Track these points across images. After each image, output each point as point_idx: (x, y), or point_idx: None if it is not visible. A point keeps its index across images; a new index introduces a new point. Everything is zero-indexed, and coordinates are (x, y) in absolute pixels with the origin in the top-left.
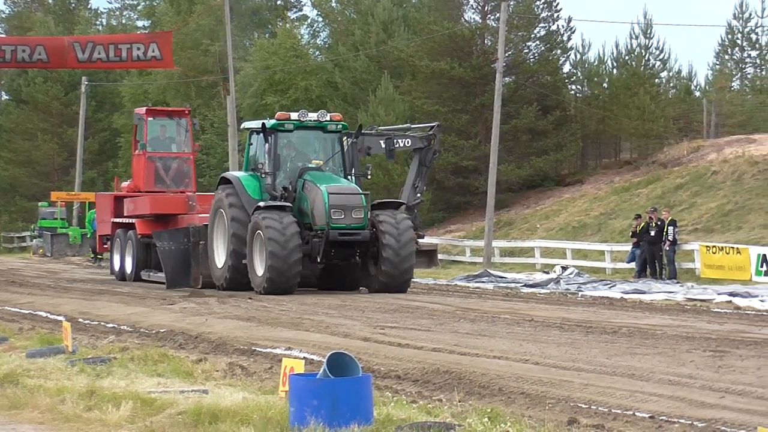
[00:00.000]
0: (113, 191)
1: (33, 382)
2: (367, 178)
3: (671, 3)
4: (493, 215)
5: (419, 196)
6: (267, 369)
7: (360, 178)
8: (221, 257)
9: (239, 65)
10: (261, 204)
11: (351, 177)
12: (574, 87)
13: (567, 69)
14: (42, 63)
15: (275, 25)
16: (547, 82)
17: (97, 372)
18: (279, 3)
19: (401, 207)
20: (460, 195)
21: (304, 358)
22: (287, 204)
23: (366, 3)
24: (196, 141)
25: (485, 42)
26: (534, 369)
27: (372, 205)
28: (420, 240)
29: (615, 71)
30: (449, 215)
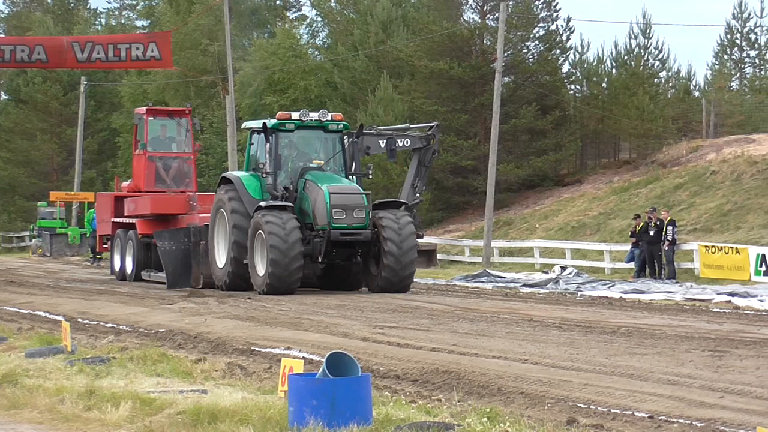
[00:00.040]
0: (112, 191)
1: (32, 381)
2: (368, 177)
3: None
4: (492, 215)
5: (418, 195)
6: (266, 369)
7: (361, 177)
8: (222, 257)
9: (238, 65)
10: (262, 204)
11: (352, 177)
12: (573, 87)
13: (566, 69)
14: (41, 63)
15: (274, 25)
16: (546, 81)
17: (96, 372)
18: (278, 3)
19: (402, 207)
20: (459, 195)
21: (303, 357)
22: (288, 204)
23: (365, 3)
24: (196, 141)
25: (484, 42)
26: (533, 369)
27: (373, 205)
28: (419, 240)
29: (614, 71)
30: (448, 215)
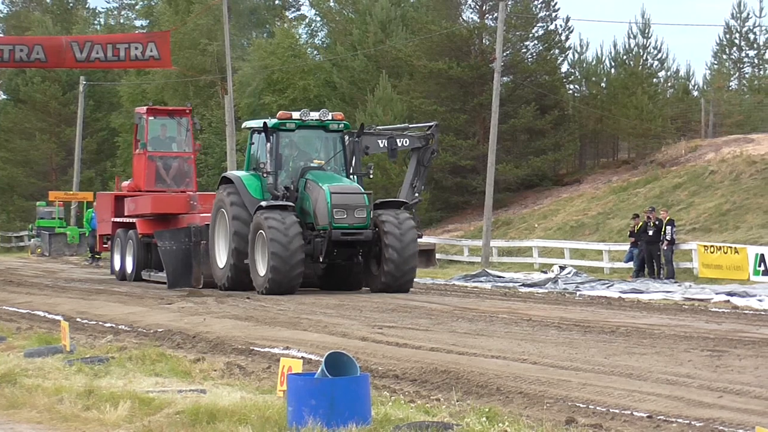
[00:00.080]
0: (111, 190)
1: (31, 381)
2: (369, 177)
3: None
4: (491, 215)
5: (417, 195)
6: (265, 368)
7: (362, 177)
8: (222, 257)
9: (237, 65)
10: (263, 204)
11: (353, 176)
12: (572, 87)
13: (565, 69)
14: (40, 62)
15: (273, 25)
16: (545, 81)
17: (95, 371)
18: (277, 2)
19: (403, 206)
20: (458, 194)
21: (302, 357)
22: (290, 204)
23: (364, 2)
24: (196, 140)
25: (483, 42)
26: (532, 368)
27: (374, 205)
28: (418, 239)
29: (613, 71)
30: (447, 215)
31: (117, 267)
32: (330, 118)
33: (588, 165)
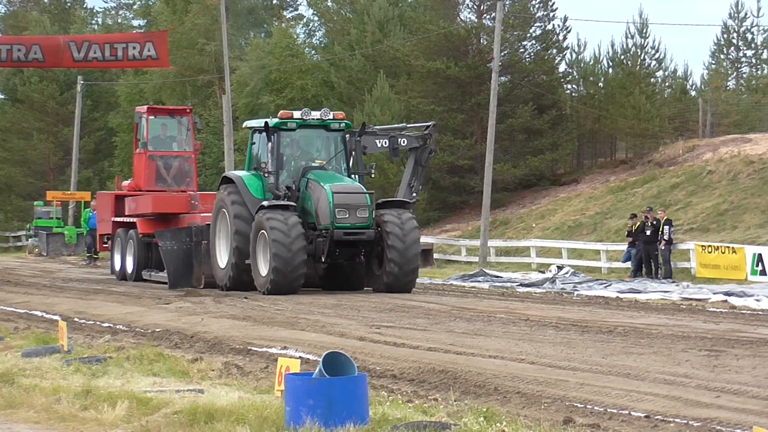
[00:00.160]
0: (109, 190)
1: (28, 381)
2: (371, 176)
3: (667, 2)
4: (489, 214)
5: (415, 195)
6: (263, 368)
7: (363, 177)
8: (223, 257)
9: (235, 64)
10: (265, 203)
11: (354, 176)
12: (569, 86)
13: (563, 68)
14: (38, 62)
15: (271, 25)
16: (543, 81)
17: (93, 371)
18: (275, 2)
19: (410, 206)
20: (455, 194)
21: (299, 357)
22: (291, 203)
23: (362, 2)
24: (195, 140)
25: (481, 41)
26: (530, 368)
27: (376, 204)
28: None
29: (611, 71)
30: (445, 215)
31: (117, 267)
32: (331, 117)
33: (586, 165)
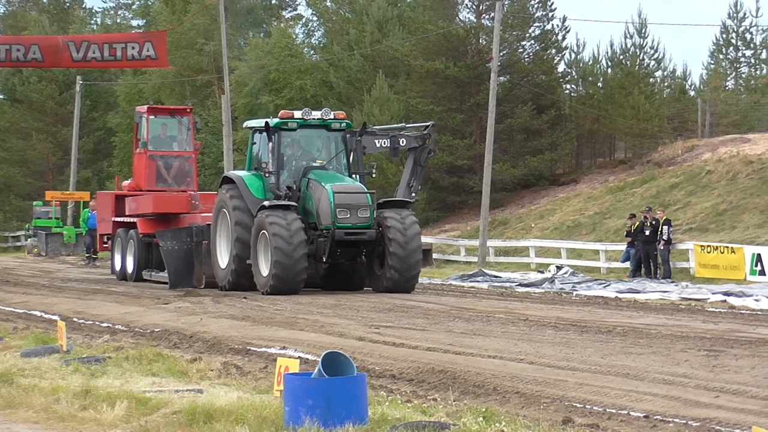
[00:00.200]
0: (108, 190)
1: (27, 381)
2: (372, 176)
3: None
4: (488, 214)
5: (414, 195)
6: (262, 368)
7: (364, 176)
8: (224, 257)
9: (234, 64)
10: (266, 203)
11: (355, 176)
12: (568, 86)
13: (562, 68)
14: (37, 62)
15: (270, 25)
16: (542, 81)
17: (92, 371)
18: (274, 2)
19: (409, 206)
20: (454, 194)
21: (298, 357)
22: (292, 203)
23: (361, 2)
24: (195, 140)
25: (480, 41)
26: (529, 368)
27: (377, 204)
28: None
29: (610, 71)
30: (444, 214)
31: (117, 267)
32: (332, 117)
33: (585, 165)
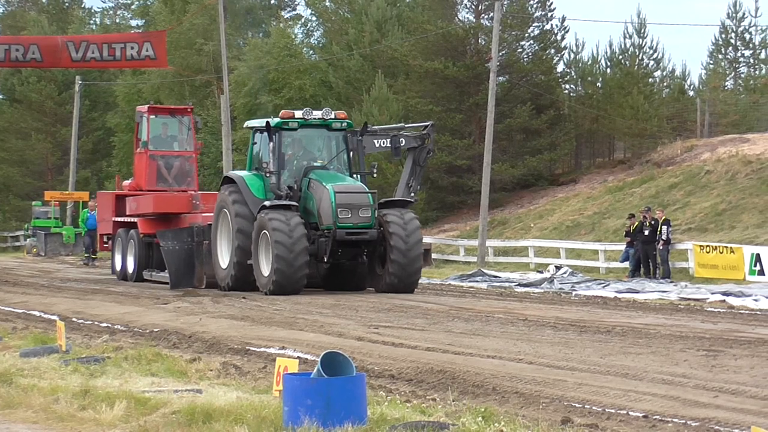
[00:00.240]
0: (107, 190)
1: (27, 381)
2: (373, 176)
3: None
4: (487, 214)
5: (413, 195)
6: (261, 368)
7: (365, 176)
8: (225, 257)
9: (233, 64)
10: (267, 203)
11: (356, 176)
12: (567, 86)
13: (561, 68)
14: (36, 62)
15: (269, 25)
16: (541, 81)
17: (91, 371)
18: (273, 2)
19: (409, 206)
20: (454, 194)
21: (298, 357)
22: (294, 203)
23: (360, 2)
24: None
25: (479, 41)
26: (528, 368)
27: (379, 204)
28: None
29: (609, 71)
30: (443, 214)
31: (118, 267)
32: (333, 116)
33: (584, 165)
